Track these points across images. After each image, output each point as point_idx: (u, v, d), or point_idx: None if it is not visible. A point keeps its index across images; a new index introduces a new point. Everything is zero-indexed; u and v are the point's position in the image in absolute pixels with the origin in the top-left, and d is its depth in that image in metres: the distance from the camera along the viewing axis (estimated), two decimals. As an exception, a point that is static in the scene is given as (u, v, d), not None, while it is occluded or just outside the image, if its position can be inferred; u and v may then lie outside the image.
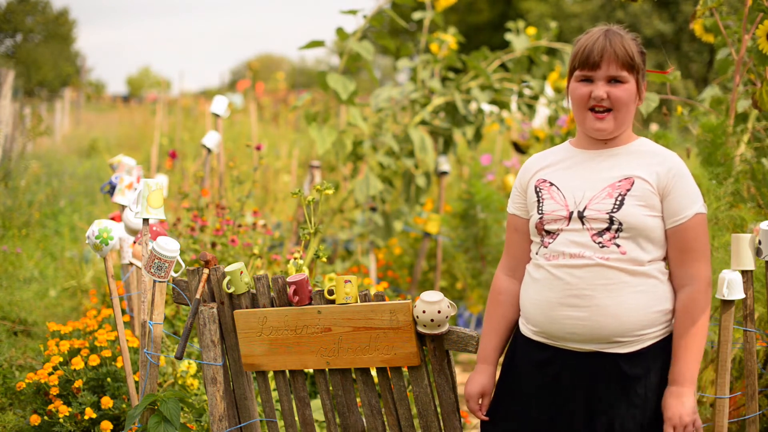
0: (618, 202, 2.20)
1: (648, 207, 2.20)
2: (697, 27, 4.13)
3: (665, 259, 2.27)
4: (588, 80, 2.26)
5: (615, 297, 2.18)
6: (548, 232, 2.28)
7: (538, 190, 2.34)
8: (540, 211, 2.30)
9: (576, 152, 2.35)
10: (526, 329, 2.36)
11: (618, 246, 2.19)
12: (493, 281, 2.50)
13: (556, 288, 2.23)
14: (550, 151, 2.43)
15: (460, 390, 4.64)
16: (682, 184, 2.22)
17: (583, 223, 2.22)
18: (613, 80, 2.23)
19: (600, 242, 2.20)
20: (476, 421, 4.17)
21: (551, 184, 2.31)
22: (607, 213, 2.20)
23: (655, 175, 2.22)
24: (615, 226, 2.19)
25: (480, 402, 2.46)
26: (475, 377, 2.47)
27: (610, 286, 2.18)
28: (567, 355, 2.26)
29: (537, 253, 2.32)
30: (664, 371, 2.25)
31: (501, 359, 2.50)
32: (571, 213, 2.24)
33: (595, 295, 2.19)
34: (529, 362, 2.34)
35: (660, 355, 2.24)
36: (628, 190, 2.21)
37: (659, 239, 2.23)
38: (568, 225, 2.24)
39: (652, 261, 2.22)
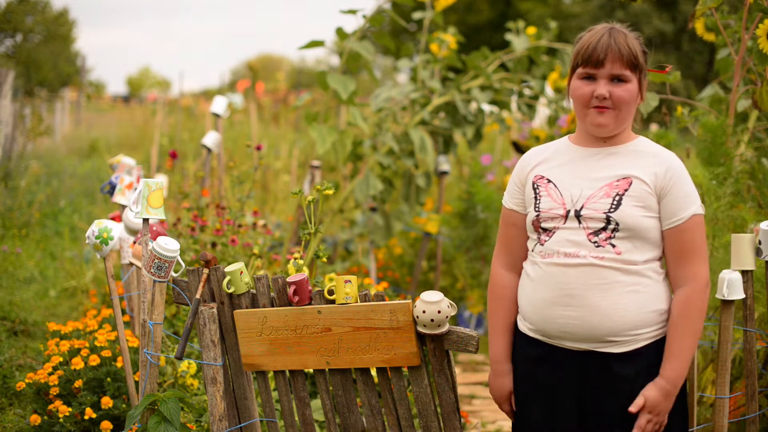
0: (615, 202, 2.19)
1: (645, 208, 2.19)
2: (698, 26, 4.13)
3: (660, 259, 2.27)
4: (590, 78, 2.24)
5: (608, 297, 2.18)
6: (544, 230, 2.27)
7: (535, 186, 2.32)
8: (537, 209, 2.29)
9: (574, 149, 2.33)
10: (522, 326, 2.36)
11: (613, 246, 2.18)
12: (491, 274, 2.47)
13: (550, 287, 2.23)
14: (548, 145, 2.41)
15: (461, 390, 4.64)
16: (680, 185, 2.21)
17: (579, 222, 2.22)
18: (616, 79, 2.22)
19: (596, 242, 2.19)
20: (476, 421, 4.17)
21: (549, 181, 2.30)
22: (604, 213, 2.19)
23: (653, 175, 2.21)
24: (611, 226, 2.18)
25: (512, 402, 2.44)
26: (497, 381, 2.44)
27: (604, 285, 2.18)
28: (561, 354, 2.26)
29: (533, 250, 2.31)
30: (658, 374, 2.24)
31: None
32: (568, 211, 2.23)
33: (588, 294, 2.18)
34: (526, 359, 2.35)
35: (654, 357, 2.23)
36: (626, 190, 2.20)
37: (655, 240, 2.22)
38: (564, 223, 2.24)
39: (647, 261, 2.22)
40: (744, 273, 2.71)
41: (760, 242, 2.70)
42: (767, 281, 2.94)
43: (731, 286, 2.64)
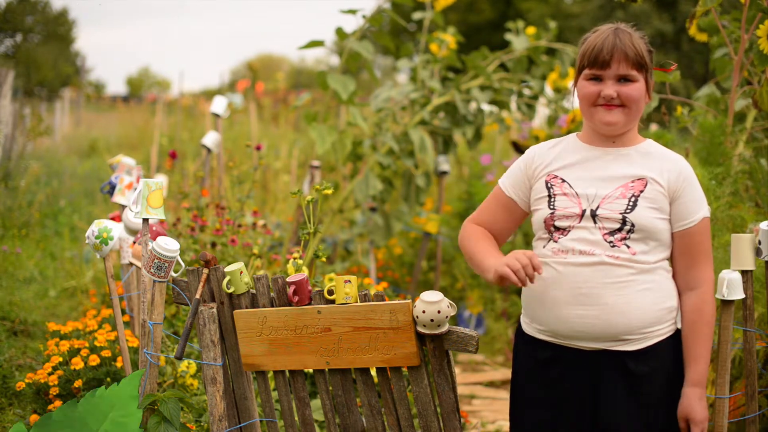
0: (631, 204, 2.21)
1: (658, 210, 2.22)
2: (691, 27, 4.13)
3: (669, 258, 2.29)
4: (597, 78, 2.24)
5: (623, 294, 2.19)
6: (558, 228, 2.27)
7: (549, 186, 2.31)
8: (552, 207, 2.28)
9: (585, 147, 2.32)
10: (530, 328, 2.35)
11: (628, 246, 2.20)
12: (463, 228, 2.45)
13: (563, 286, 2.23)
14: (557, 142, 2.39)
15: (461, 390, 4.64)
16: (691, 188, 2.25)
17: (595, 222, 2.22)
18: (623, 79, 2.22)
19: (611, 241, 2.20)
20: (476, 421, 4.17)
21: (563, 180, 2.30)
22: (620, 213, 2.20)
23: (667, 178, 2.23)
24: (627, 227, 2.20)
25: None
26: (494, 271, 2.22)
27: (618, 284, 2.19)
28: (572, 354, 2.25)
29: (545, 248, 2.30)
30: (672, 371, 2.25)
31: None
32: (584, 211, 2.24)
33: (604, 293, 2.19)
34: (533, 362, 2.34)
35: (667, 354, 2.24)
36: (641, 191, 2.22)
37: (666, 241, 2.25)
38: (579, 222, 2.24)
39: (658, 261, 2.24)
40: (744, 273, 2.71)
41: (759, 242, 2.70)
42: (767, 281, 2.94)
43: (731, 286, 2.64)
